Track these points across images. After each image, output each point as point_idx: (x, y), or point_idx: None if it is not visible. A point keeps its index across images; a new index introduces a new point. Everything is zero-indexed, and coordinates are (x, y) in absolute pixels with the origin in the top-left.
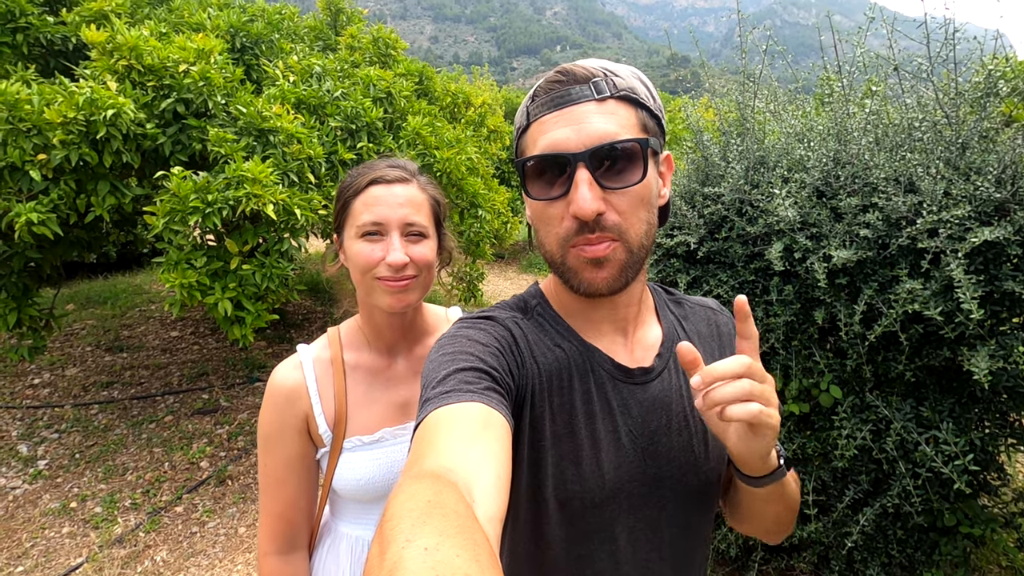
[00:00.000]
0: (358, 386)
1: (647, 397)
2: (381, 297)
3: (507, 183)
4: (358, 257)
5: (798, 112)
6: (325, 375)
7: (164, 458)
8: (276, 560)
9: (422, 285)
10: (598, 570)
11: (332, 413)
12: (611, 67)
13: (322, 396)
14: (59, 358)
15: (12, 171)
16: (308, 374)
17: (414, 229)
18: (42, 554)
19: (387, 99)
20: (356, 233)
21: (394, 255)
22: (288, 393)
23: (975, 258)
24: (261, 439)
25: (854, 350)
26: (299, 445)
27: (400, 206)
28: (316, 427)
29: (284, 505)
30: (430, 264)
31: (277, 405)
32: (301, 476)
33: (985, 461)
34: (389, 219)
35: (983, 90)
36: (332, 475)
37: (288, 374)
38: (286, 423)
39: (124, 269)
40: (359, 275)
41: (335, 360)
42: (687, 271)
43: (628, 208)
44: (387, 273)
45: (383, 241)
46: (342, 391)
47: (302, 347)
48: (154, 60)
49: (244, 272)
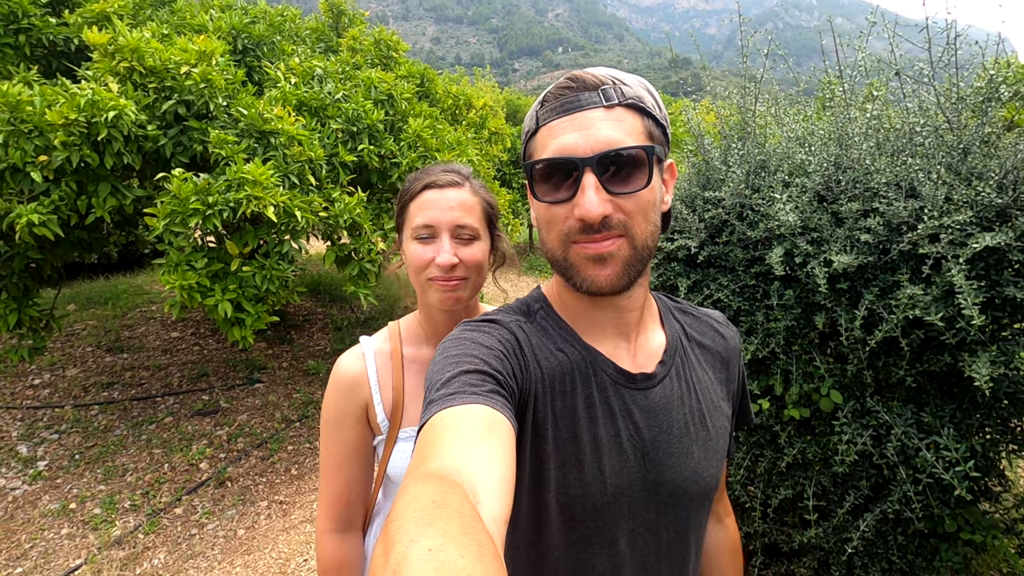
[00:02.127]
0: (414, 378)
1: (648, 403)
2: (433, 295)
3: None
4: (412, 258)
5: (799, 116)
6: (385, 367)
7: (164, 459)
8: (333, 538)
9: (472, 285)
10: (597, 574)
11: (390, 403)
12: (619, 76)
13: (382, 387)
14: (59, 359)
15: (13, 172)
16: (370, 365)
17: (465, 232)
18: (41, 555)
19: (388, 101)
20: (411, 235)
21: (443, 256)
22: (351, 382)
23: (976, 264)
24: (324, 424)
25: (855, 355)
26: (358, 432)
27: (451, 209)
28: (375, 416)
29: (342, 487)
30: (480, 265)
31: (340, 393)
32: (358, 461)
33: (986, 467)
34: (440, 222)
35: (985, 95)
36: (387, 462)
37: (352, 364)
38: (347, 411)
39: (125, 270)
40: (414, 275)
41: (395, 353)
42: (687, 275)
43: (633, 211)
44: (438, 273)
45: (434, 243)
46: (400, 383)
47: (365, 339)
48: (156, 62)
49: (244, 274)
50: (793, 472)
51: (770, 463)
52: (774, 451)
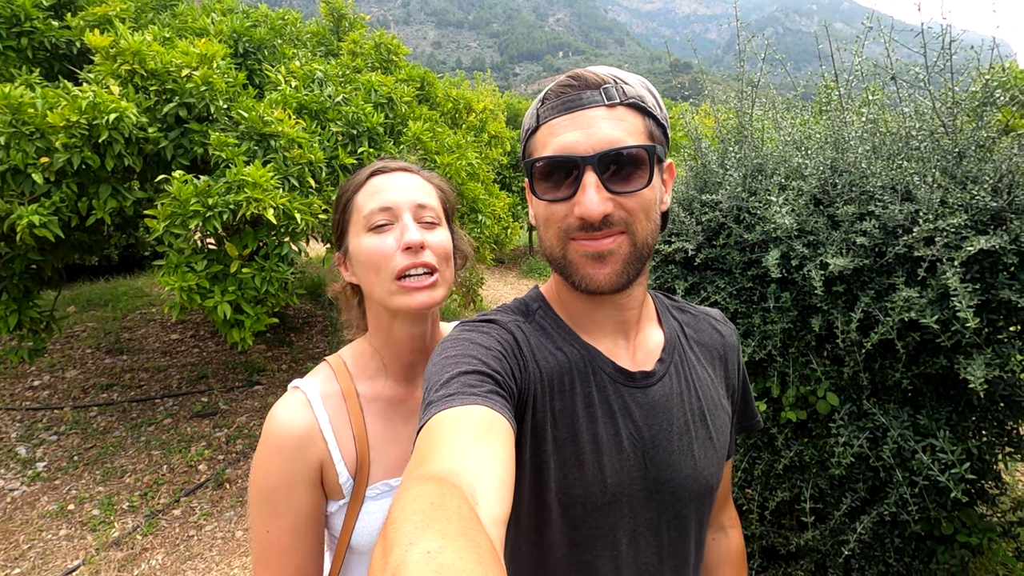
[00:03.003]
0: (378, 422)
1: (648, 401)
2: (402, 299)
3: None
4: (369, 254)
5: (796, 120)
6: (338, 413)
7: (162, 461)
8: None
9: (446, 282)
10: (600, 574)
11: (353, 458)
12: (621, 75)
13: (339, 439)
14: (59, 360)
15: (15, 174)
16: (320, 414)
17: (427, 214)
18: (39, 556)
19: (388, 104)
20: (363, 227)
21: (410, 234)
22: (298, 438)
23: (971, 267)
24: (261, 498)
25: (851, 357)
26: (311, 501)
27: (408, 188)
28: (335, 476)
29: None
30: (449, 255)
31: (284, 453)
32: (312, 539)
33: (982, 470)
34: (398, 201)
35: (980, 99)
36: (351, 531)
37: (295, 415)
38: (296, 475)
39: (125, 272)
40: (373, 276)
41: (348, 394)
42: (684, 278)
43: (635, 209)
44: (405, 261)
45: (394, 228)
46: (362, 430)
47: (300, 382)
48: (157, 65)
49: (244, 276)
50: (790, 474)
51: (767, 465)
52: (771, 453)
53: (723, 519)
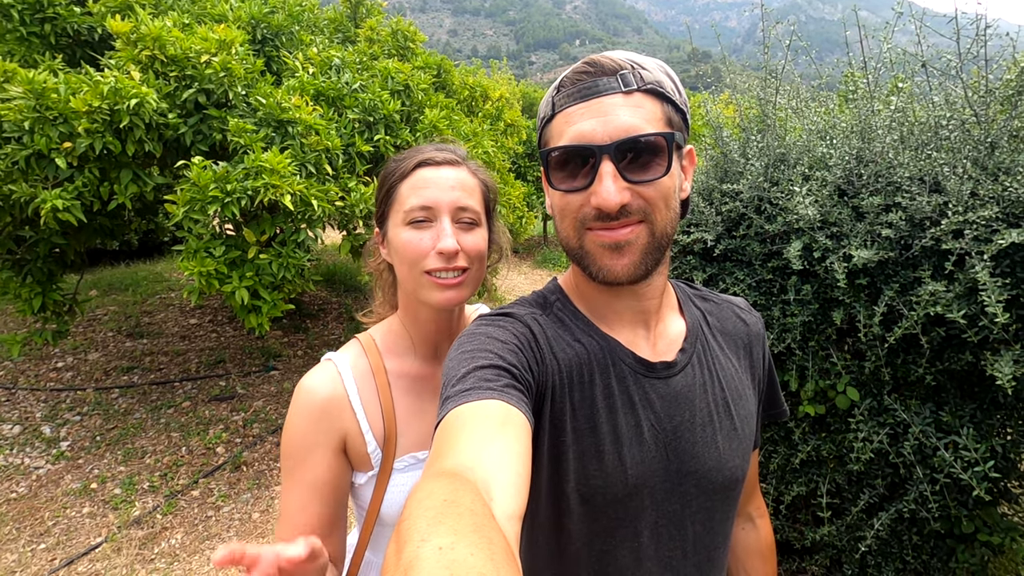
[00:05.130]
0: (405, 397)
1: (670, 391)
2: (430, 293)
3: (523, 178)
4: (405, 247)
5: (820, 109)
6: (367, 386)
7: (181, 443)
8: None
9: (474, 281)
10: (620, 566)
11: (380, 430)
12: (638, 59)
13: (368, 411)
14: (82, 343)
15: (39, 158)
16: (349, 386)
17: (466, 215)
18: (63, 532)
19: (405, 92)
20: (403, 220)
21: (445, 241)
22: (325, 405)
23: (1001, 260)
24: (285, 458)
25: (873, 352)
26: (332, 468)
27: (451, 188)
28: (362, 446)
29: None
30: (482, 256)
31: (310, 418)
32: (327, 504)
33: (1006, 468)
34: (439, 202)
35: (1015, 88)
36: (380, 502)
37: (324, 383)
38: (318, 440)
39: (145, 257)
40: (406, 269)
41: (376, 369)
42: (703, 268)
43: (654, 198)
44: (438, 264)
45: (432, 228)
46: (389, 404)
47: (332, 355)
48: (177, 51)
49: (261, 262)
50: (807, 469)
51: (783, 459)
52: (788, 447)
53: (751, 509)
